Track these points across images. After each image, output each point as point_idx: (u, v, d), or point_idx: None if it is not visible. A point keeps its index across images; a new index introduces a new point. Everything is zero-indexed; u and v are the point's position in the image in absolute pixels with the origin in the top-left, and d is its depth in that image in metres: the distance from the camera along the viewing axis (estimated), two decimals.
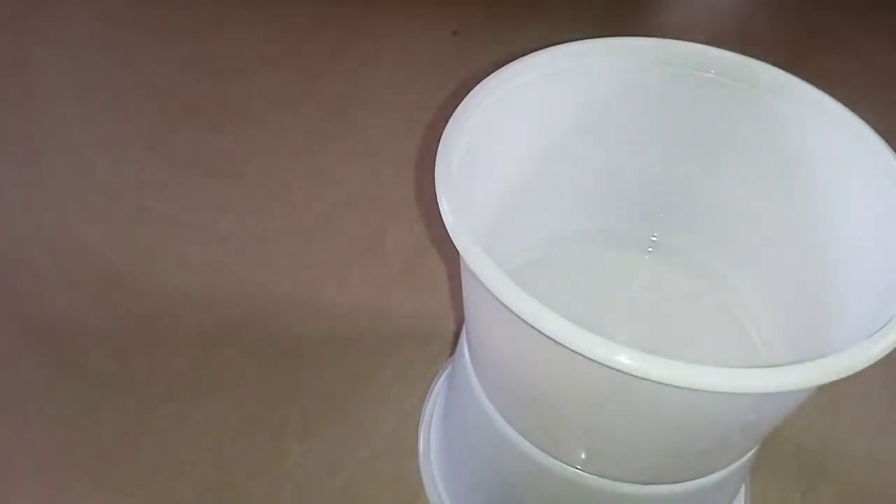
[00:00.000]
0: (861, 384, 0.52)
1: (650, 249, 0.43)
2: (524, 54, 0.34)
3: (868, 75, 0.76)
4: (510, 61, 0.33)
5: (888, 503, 0.47)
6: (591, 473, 0.33)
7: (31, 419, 0.49)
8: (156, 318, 0.54)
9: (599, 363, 0.24)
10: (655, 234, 0.43)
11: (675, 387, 0.23)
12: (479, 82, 0.33)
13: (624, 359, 0.23)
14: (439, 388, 0.49)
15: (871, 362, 0.24)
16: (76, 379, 0.50)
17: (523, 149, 0.36)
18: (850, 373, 0.24)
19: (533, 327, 0.24)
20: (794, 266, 0.36)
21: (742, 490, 0.45)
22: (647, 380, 0.23)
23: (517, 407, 0.34)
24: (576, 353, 0.24)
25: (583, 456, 0.32)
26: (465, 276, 0.31)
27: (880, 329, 0.25)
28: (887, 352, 0.25)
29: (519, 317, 0.24)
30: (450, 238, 0.27)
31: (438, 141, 0.30)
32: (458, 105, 0.32)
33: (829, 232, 0.33)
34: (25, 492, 0.46)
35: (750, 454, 0.36)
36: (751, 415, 0.28)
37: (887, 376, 0.52)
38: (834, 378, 0.24)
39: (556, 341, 0.24)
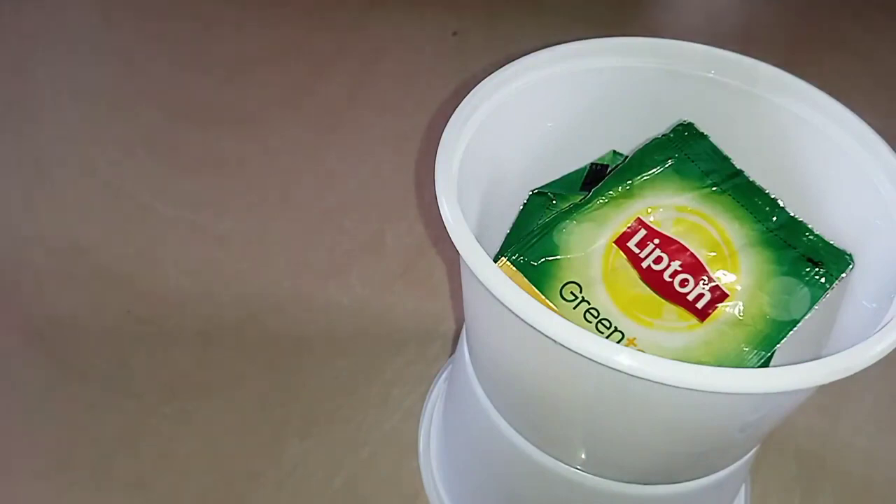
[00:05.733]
0: (861, 384, 0.52)
1: None
2: (524, 54, 0.34)
3: (868, 75, 0.76)
4: (510, 61, 0.33)
5: (888, 503, 0.47)
6: (590, 473, 0.33)
7: (31, 419, 0.49)
8: (156, 318, 0.54)
9: (599, 363, 0.24)
10: None
11: (675, 387, 0.23)
12: (479, 82, 0.33)
13: (624, 359, 0.23)
14: (439, 388, 0.49)
15: (871, 362, 0.24)
16: (76, 379, 0.50)
17: (523, 149, 0.36)
18: (850, 373, 0.24)
19: (533, 328, 0.24)
20: None
21: (742, 490, 0.45)
22: (647, 380, 0.23)
23: (517, 407, 0.34)
24: (576, 353, 0.24)
25: (582, 456, 0.32)
26: (465, 276, 0.31)
27: (880, 329, 0.25)
28: (887, 352, 0.25)
29: (519, 317, 0.24)
30: (450, 238, 0.27)
31: (438, 141, 0.30)
32: (457, 105, 0.32)
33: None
34: (26, 492, 0.46)
35: (750, 454, 0.36)
36: (751, 415, 0.28)
37: (887, 376, 0.52)
38: (834, 378, 0.24)
39: (556, 341, 0.24)
